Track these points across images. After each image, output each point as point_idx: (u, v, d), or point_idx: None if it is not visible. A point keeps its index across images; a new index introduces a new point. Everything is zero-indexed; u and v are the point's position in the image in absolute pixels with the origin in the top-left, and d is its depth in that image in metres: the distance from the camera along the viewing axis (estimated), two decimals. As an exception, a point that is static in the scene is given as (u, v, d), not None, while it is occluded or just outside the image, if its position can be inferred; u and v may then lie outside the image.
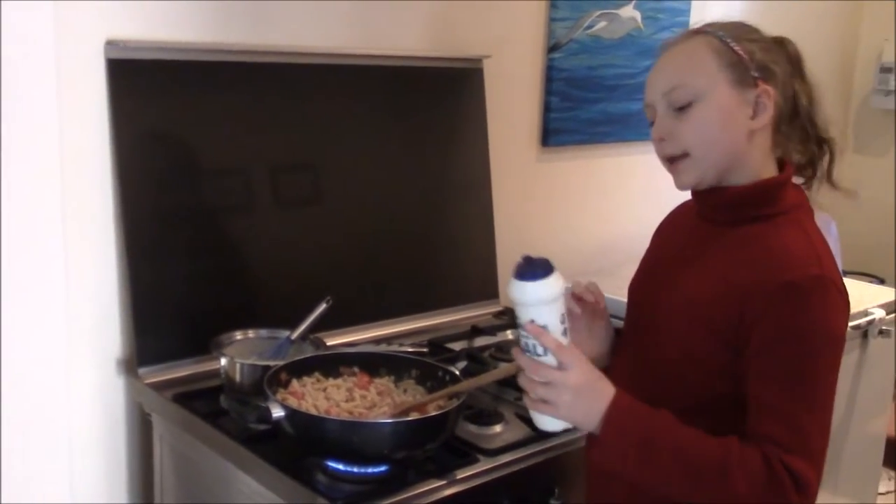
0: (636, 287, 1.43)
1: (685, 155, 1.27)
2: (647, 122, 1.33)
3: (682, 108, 1.26)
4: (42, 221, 1.65)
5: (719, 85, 1.25)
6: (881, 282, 3.01)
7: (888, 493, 3.29)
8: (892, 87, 3.59)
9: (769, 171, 1.30)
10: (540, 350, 1.18)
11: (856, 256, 1.24)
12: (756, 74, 1.26)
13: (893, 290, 2.72)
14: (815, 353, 1.18)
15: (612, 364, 1.41)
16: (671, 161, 1.30)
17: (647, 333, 1.34)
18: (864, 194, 3.67)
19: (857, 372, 2.56)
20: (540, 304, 1.17)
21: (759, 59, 1.27)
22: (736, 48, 1.26)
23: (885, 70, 3.61)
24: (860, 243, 1.16)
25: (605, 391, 1.20)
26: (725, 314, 1.22)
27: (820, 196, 1.37)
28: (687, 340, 1.26)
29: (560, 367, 1.18)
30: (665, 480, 1.19)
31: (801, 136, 1.33)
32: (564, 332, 1.20)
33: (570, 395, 1.18)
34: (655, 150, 1.33)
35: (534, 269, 1.18)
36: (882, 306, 2.55)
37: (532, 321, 1.18)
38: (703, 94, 1.25)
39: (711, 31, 1.29)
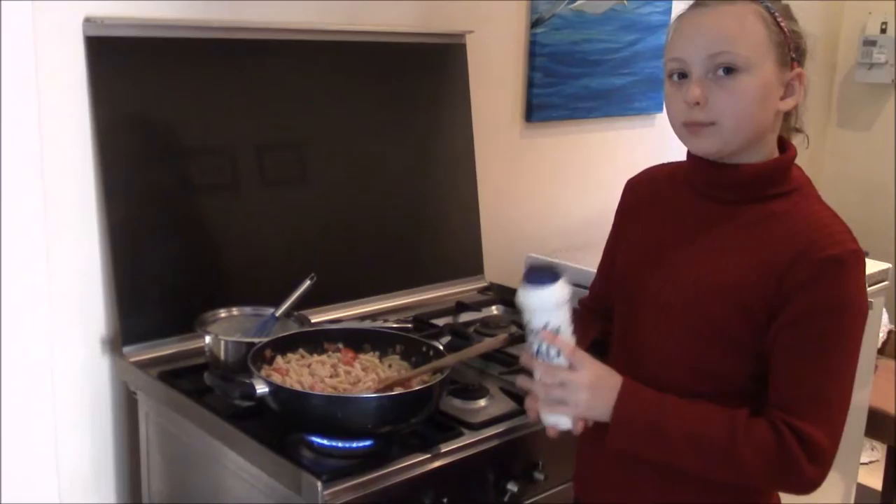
0: (638, 274, 1.36)
1: (712, 123, 1.23)
2: (661, 85, 1.28)
3: (725, 73, 1.21)
4: (23, 202, 1.65)
5: (766, 60, 1.22)
6: (865, 254, 3.03)
7: (870, 462, 3.33)
8: (875, 61, 3.60)
9: (774, 149, 1.30)
10: (553, 352, 1.23)
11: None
12: (793, 56, 1.25)
13: (876, 262, 2.74)
14: (848, 325, 1.21)
15: (614, 355, 1.40)
16: (693, 125, 1.25)
17: (662, 321, 1.31)
18: (847, 168, 3.71)
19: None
20: (554, 308, 1.22)
21: (797, 40, 1.26)
22: (783, 25, 1.24)
23: (868, 43, 3.61)
24: (842, 216, 1.17)
25: (613, 382, 1.24)
26: (763, 292, 1.21)
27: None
28: (720, 324, 1.25)
29: (572, 367, 1.23)
30: (677, 460, 1.23)
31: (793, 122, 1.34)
32: (572, 333, 1.24)
33: (585, 394, 1.22)
34: (677, 109, 1.26)
35: (542, 275, 1.22)
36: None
37: (546, 325, 1.22)
38: (751, 67, 1.21)
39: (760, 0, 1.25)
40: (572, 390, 1.22)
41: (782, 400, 1.20)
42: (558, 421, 1.26)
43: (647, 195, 1.44)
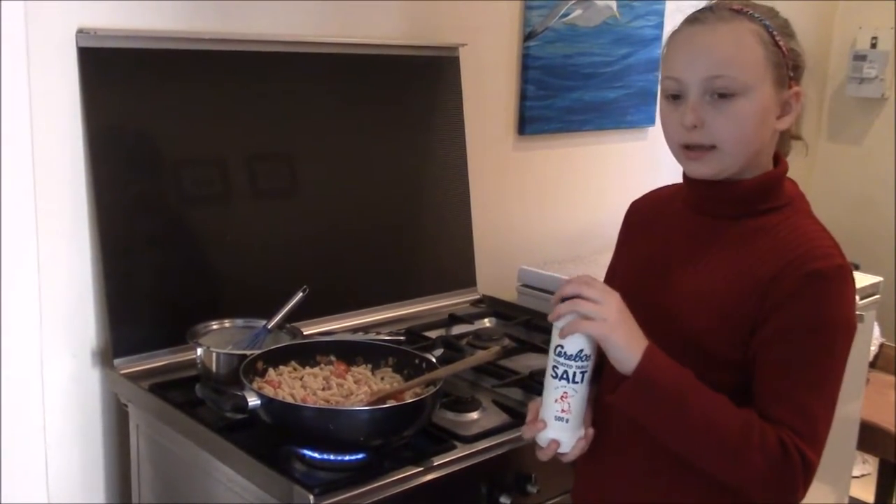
0: (635, 288, 1.33)
1: (712, 147, 1.23)
2: (654, 98, 1.29)
3: (721, 98, 1.20)
4: (14, 212, 1.64)
5: (764, 82, 1.21)
6: (855, 268, 3.03)
7: (862, 476, 3.33)
8: (866, 75, 3.62)
9: (769, 165, 1.29)
10: (579, 377, 1.23)
11: (829, 242, 1.31)
12: (791, 75, 1.24)
13: (867, 275, 2.75)
14: (832, 342, 1.20)
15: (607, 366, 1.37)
16: (691, 149, 1.24)
17: (653, 335, 1.27)
18: (837, 182, 3.72)
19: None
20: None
21: (796, 58, 1.24)
22: (781, 44, 1.22)
23: (858, 58, 3.63)
24: (833, 230, 1.17)
25: (640, 335, 1.21)
26: (745, 306, 1.21)
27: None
28: (704, 337, 1.24)
29: (605, 290, 1.21)
30: (686, 440, 1.20)
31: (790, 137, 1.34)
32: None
33: (615, 314, 1.19)
34: (674, 131, 1.25)
35: None
36: (856, 291, 2.57)
37: (580, 352, 1.22)
38: (749, 90, 1.20)
39: (758, 16, 1.22)
40: (604, 306, 1.19)
41: (777, 415, 1.19)
42: (560, 436, 1.25)
43: (648, 215, 1.44)
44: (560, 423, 1.25)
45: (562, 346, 1.22)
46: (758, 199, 1.27)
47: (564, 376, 1.23)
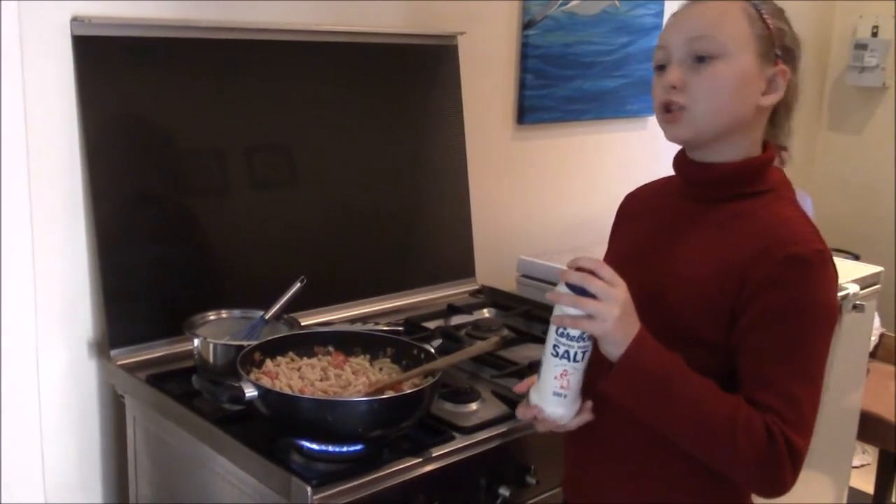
0: (620, 273, 1.34)
1: (684, 108, 1.25)
2: (651, 68, 1.31)
3: (701, 60, 1.24)
4: (9, 204, 1.63)
5: (745, 51, 1.24)
6: (856, 258, 3.03)
7: (862, 466, 3.33)
8: (867, 64, 3.60)
9: (757, 151, 1.30)
10: (579, 357, 1.22)
11: (830, 233, 1.27)
12: (778, 53, 1.27)
13: (867, 265, 2.75)
14: (814, 327, 1.20)
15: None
16: (669, 110, 1.27)
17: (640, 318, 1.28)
18: (838, 172, 3.72)
19: (832, 346, 2.57)
20: None
21: (785, 39, 1.28)
22: (768, 21, 1.26)
23: (859, 47, 3.62)
24: (834, 219, 1.17)
25: (636, 325, 1.20)
26: (724, 289, 1.21)
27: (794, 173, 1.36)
28: (684, 320, 1.24)
29: (610, 283, 1.19)
30: (673, 425, 1.21)
31: (783, 128, 1.34)
32: None
33: (618, 310, 1.17)
34: (657, 95, 1.29)
35: None
36: (856, 281, 2.56)
37: (583, 333, 1.21)
38: (728, 54, 1.23)
39: None
40: (607, 304, 1.17)
41: (762, 401, 1.18)
42: (556, 410, 1.25)
43: (639, 205, 1.46)
44: (558, 398, 1.25)
45: (564, 328, 1.21)
46: (739, 182, 1.28)
47: (566, 356, 1.22)
